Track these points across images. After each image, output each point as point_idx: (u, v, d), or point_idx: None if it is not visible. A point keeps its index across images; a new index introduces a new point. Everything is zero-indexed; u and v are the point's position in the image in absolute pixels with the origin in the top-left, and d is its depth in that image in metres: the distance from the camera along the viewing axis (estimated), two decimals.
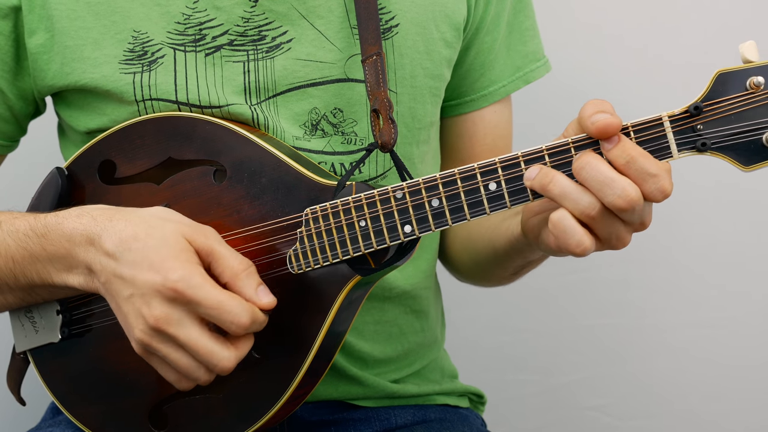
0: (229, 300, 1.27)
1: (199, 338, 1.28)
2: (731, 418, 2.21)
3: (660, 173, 1.22)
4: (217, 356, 1.29)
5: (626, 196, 1.22)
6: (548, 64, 1.71)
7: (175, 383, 1.34)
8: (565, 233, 1.25)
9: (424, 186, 1.31)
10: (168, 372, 1.33)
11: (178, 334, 1.28)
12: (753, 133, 1.22)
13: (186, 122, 1.44)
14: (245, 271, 1.31)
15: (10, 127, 1.59)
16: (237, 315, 1.27)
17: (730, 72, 1.23)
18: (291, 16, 1.50)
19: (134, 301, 1.29)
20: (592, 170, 1.23)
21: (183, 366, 1.30)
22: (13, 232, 1.42)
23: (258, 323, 1.30)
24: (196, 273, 1.28)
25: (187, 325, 1.28)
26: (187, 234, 1.31)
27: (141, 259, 1.29)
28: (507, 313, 2.20)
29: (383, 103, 1.44)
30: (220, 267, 1.30)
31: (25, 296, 1.46)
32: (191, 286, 1.26)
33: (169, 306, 1.27)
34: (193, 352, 1.29)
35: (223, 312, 1.27)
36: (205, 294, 1.27)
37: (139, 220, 1.33)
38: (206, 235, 1.32)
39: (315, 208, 1.36)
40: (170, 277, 1.26)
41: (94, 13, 1.49)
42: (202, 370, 1.31)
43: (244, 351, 1.32)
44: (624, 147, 1.23)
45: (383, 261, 1.37)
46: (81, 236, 1.34)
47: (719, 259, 2.16)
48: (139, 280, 1.28)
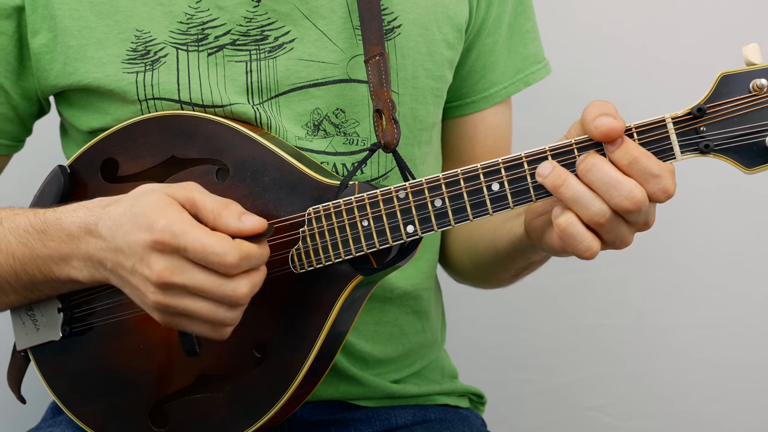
0: (212, 240, 1.25)
1: (205, 278, 1.26)
2: (731, 419, 2.21)
3: (663, 173, 1.22)
4: (229, 287, 1.27)
5: (633, 197, 1.22)
6: (548, 66, 1.71)
7: (211, 334, 1.31)
8: (573, 239, 1.25)
9: (427, 186, 1.31)
10: (197, 325, 1.30)
11: (183, 280, 1.26)
12: (756, 135, 1.23)
13: (189, 121, 1.44)
14: (225, 207, 1.29)
15: (14, 128, 1.59)
16: (221, 254, 1.25)
17: (733, 74, 1.23)
18: (293, 16, 1.50)
19: (136, 268, 1.28)
20: (598, 172, 1.23)
21: (204, 312, 1.28)
22: (13, 229, 1.42)
23: (252, 258, 1.28)
24: (179, 219, 1.26)
25: (189, 270, 1.26)
26: (169, 192, 1.30)
27: (130, 226, 1.28)
28: (507, 313, 2.20)
29: (386, 103, 1.44)
30: (203, 212, 1.29)
31: (27, 294, 1.45)
32: (175, 234, 1.25)
33: (165, 257, 1.26)
34: (206, 293, 1.27)
35: (207, 254, 1.25)
36: (191, 239, 1.25)
37: (127, 197, 1.33)
38: (186, 188, 1.31)
39: (318, 207, 1.36)
40: (155, 228, 1.26)
41: (97, 12, 1.49)
42: (223, 307, 1.28)
43: (257, 279, 1.29)
44: (627, 148, 1.23)
45: (385, 261, 1.37)
46: (79, 229, 1.34)
47: (719, 260, 2.16)
48: (133, 244, 1.28)
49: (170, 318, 1.30)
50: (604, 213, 1.23)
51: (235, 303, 1.28)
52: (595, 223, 1.24)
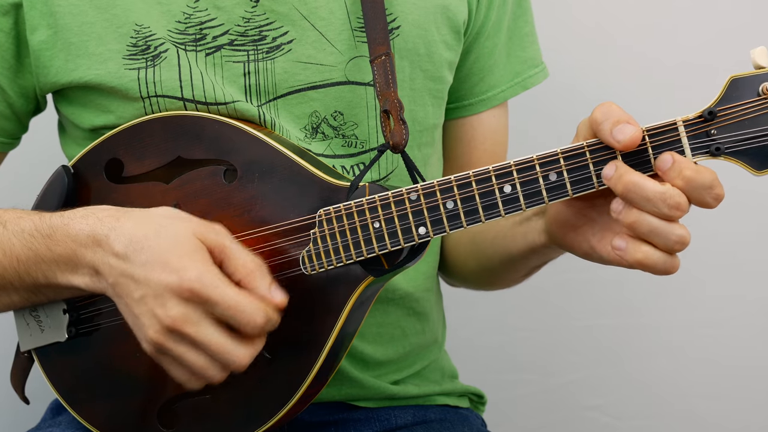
0: (245, 300, 1.27)
1: (217, 337, 1.27)
2: (730, 418, 2.22)
3: (714, 181, 1.23)
4: (234, 354, 1.28)
5: (681, 206, 1.23)
6: (546, 70, 1.71)
7: (186, 383, 1.33)
8: (657, 266, 1.26)
9: (439, 188, 1.31)
10: (179, 371, 1.32)
11: (196, 333, 1.27)
12: (766, 138, 1.23)
13: (195, 121, 1.44)
14: (258, 269, 1.30)
15: (11, 125, 1.58)
16: (252, 315, 1.27)
17: (742, 77, 1.24)
18: (292, 17, 1.49)
19: (147, 302, 1.28)
20: (640, 191, 1.23)
21: (197, 365, 1.29)
22: (18, 233, 1.41)
23: (272, 322, 1.30)
24: (212, 272, 1.27)
25: (204, 324, 1.27)
26: (198, 232, 1.30)
27: (153, 259, 1.28)
28: (507, 313, 2.21)
29: (393, 103, 1.44)
30: (233, 265, 1.29)
31: (30, 296, 1.45)
32: (207, 286, 1.26)
33: (185, 306, 1.26)
34: (210, 351, 1.28)
35: (239, 312, 1.26)
36: (221, 294, 1.26)
37: (148, 219, 1.32)
38: (217, 233, 1.31)
39: (328, 209, 1.36)
40: (185, 276, 1.26)
41: (96, 6, 1.48)
42: (216, 368, 1.30)
43: (259, 347, 1.31)
44: (680, 170, 1.23)
45: (396, 262, 1.37)
46: (87, 237, 1.33)
47: (718, 259, 2.17)
48: (153, 280, 1.27)
49: (160, 356, 1.31)
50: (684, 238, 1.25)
51: (232, 368, 1.30)
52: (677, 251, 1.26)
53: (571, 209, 1.34)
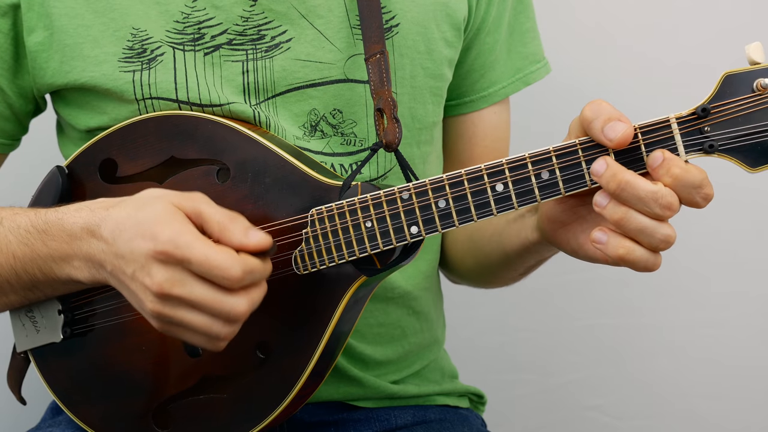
0: (216, 254, 1.24)
1: (205, 292, 1.26)
2: (731, 418, 2.21)
3: (703, 181, 1.22)
4: (228, 304, 1.26)
5: (672, 206, 1.23)
6: (548, 65, 1.71)
7: (205, 345, 1.31)
8: (639, 263, 1.25)
9: (431, 187, 1.31)
10: (192, 336, 1.30)
11: (183, 293, 1.25)
12: (760, 134, 1.22)
13: (188, 121, 1.44)
14: (231, 221, 1.28)
15: (10, 126, 1.58)
16: (226, 268, 1.24)
17: (736, 74, 1.23)
18: (290, 16, 1.49)
19: (137, 276, 1.27)
20: (633, 190, 1.22)
21: (200, 325, 1.27)
22: (14, 229, 1.41)
23: (255, 273, 1.27)
24: (184, 231, 1.25)
25: (190, 283, 1.25)
26: (175, 201, 1.29)
27: (134, 233, 1.27)
28: (507, 313, 2.20)
29: (387, 102, 1.44)
30: (208, 224, 1.28)
31: (28, 294, 1.45)
32: (179, 246, 1.24)
33: (167, 269, 1.25)
34: (204, 307, 1.26)
35: (211, 267, 1.24)
36: (192, 251, 1.24)
37: (131, 202, 1.31)
38: (193, 199, 1.30)
39: (321, 208, 1.35)
40: (159, 239, 1.25)
41: (93, 10, 1.48)
42: (219, 322, 1.28)
43: (256, 296, 1.29)
44: (668, 168, 1.22)
45: (389, 261, 1.36)
46: (81, 229, 1.34)
47: (719, 259, 2.17)
48: (135, 251, 1.27)
49: (167, 326, 1.30)
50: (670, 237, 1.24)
51: (233, 319, 1.28)
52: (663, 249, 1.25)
53: (562, 206, 1.34)
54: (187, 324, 1.28)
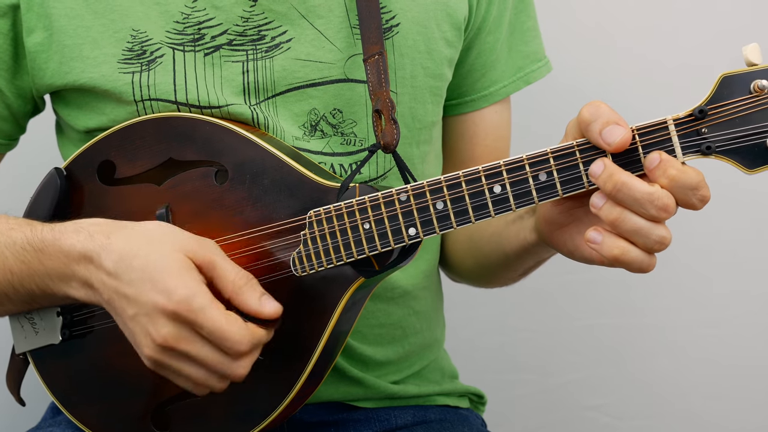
0: (229, 326, 1.27)
1: (210, 353, 1.28)
2: (731, 418, 2.21)
3: (700, 183, 1.23)
4: (230, 366, 1.29)
5: (668, 208, 1.23)
6: (549, 64, 1.70)
7: (192, 390, 1.34)
8: (634, 264, 1.25)
9: (429, 188, 1.31)
10: (183, 382, 1.33)
11: (188, 350, 1.28)
12: (757, 136, 1.22)
13: (187, 122, 1.44)
14: (246, 284, 1.30)
15: (9, 126, 1.58)
16: (236, 342, 1.27)
17: (734, 75, 1.23)
18: (290, 16, 1.49)
19: (139, 320, 1.28)
20: (629, 191, 1.22)
21: (196, 377, 1.30)
22: (10, 245, 1.41)
23: (260, 343, 1.31)
24: (199, 293, 1.27)
25: (197, 342, 1.28)
26: (188, 249, 1.30)
27: (143, 278, 1.28)
28: (507, 314, 2.20)
29: (385, 103, 1.44)
30: (222, 282, 1.30)
31: (26, 306, 1.46)
32: (193, 309, 1.26)
33: (175, 325, 1.27)
34: (205, 366, 1.29)
35: (223, 339, 1.27)
36: (205, 318, 1.26)
37: (138, 235, 1.32)
38: (207, 248, 1.31)
39: (318, 210, 1.35)
40: (173, 298, 1.26)
41: (93, 11, 1.48)
42: (215, 379, 1.31)
43: (254, 357, 1.31)
44: (665, 169, 1.22)
45: (387, 263, 1.36)
46: (79, 254, 1.33)
47: (719, 259, 2.16)
48: (142, 299, 1.28)
49: (159, 369, 1.32)
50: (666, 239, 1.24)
51: (232, 379, 1.31)
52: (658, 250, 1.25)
53: (559, 208, 1.34)
54: (183, 374, 1.30)
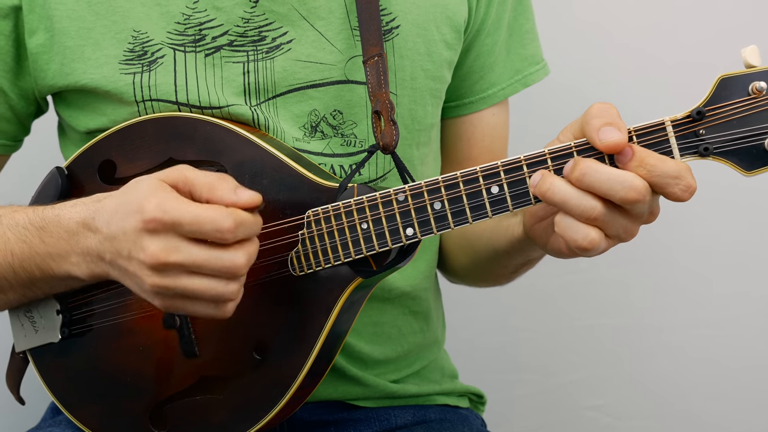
0: (205, 210, 1.24)
1: (201, 252, 1.25)
2: (730, 418, 2.21)
3: (682, 173, 1.22)
4: (227, 258, 1.25)
5: (635, 188, 1.21)
6: (547, 67, 1.71)
7: (215, 313, 1.29)
8: (569, 230, 1.24)
9: (426, 189, 1.31)
10: (198, 306, 1.29)
11: (180, 258, 1.24)
12: (755, 138, 1.22)
13: (187, 122, 1.44)
14: (218, 180, 1.27)
15: (12, 127, 1.59)
16: (217, 220, 1.23)
17: (732, 77, 1.23)
18: (291, 17, 1.49)
19: (132, 254, 1.27)
20: (594, 174, 1.22)
21: (203, 288, 1.26)
22: (12, 226, 1.42)
23: (247, 225, 1.26)
24: (170, 197, 1.25)
25: (184, 247, 1.25)
26: (161, 176, 1.29)
27: (122, 213, 1.27)
28: (506, 314, 2.21)
29: (384, 104, 1.44)
30: (196, 186, 1.27)
31: (26, 291, 1.45)
32: (166, 210, 1.24)
33: (159, 237, 1.24)
34: (203, 268, 1.25)
35: (202, 223, 1.23)
36: (180, 212, 1.23)
37: (120, 190, 1.32)
38: (177, 169, 1.29)
39: (317, 210, 1.36)
40: (146, 210, 1.24)
41: (95, 12, 1.48)
42: (222, 281, 1.27)
43: (252, 249, 1.28)
44: (641, 158, 1.22)
45: (385, 263, 1.37)
46: (77, 224, 1.34)
47: (719, 259, 2.17)
48: (127, 229, 1.26)
49: (170, 301, 1.29)
50: (594, 207, 1.22)
51: (234, 274, 1.27)
52: (589, 218, 1.23)
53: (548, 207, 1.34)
54: (189, 291, 1.26)
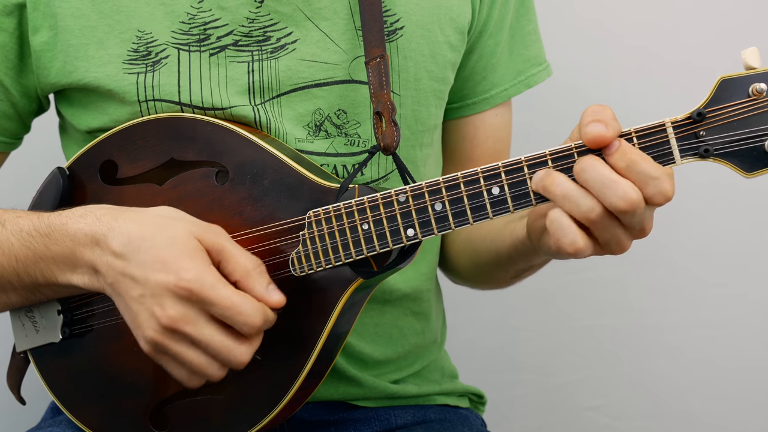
0: (243, 301, 1.28)
1: (215, 335, 1.28)
2: (729, 419, 2.21)
3: (661, 176, 1.21)
4: (234, 351, 1.29)
5: (627, 197, 1.21)
6: (549, 68, 1.71)
7: (185, 381, 1.33)
8: (559, 230, 1.24)
9: (427, 189, 1.31)
10: (178, 370, 1.32)
11: (194, 332, 1.27)
12: (755, 139, 1.23)
13: (188, 123, 1.44)
14: (256, 269, 1.31)
15: (13, 125, 1.59)
16: (250, 316, 1.28)
17: (732, 78, 1.23)
18: (296, 18, 1.49)
19: (145, 301, 1.28)
20: (593, 172, 1.22)
21: (196, 363, 1.30)
22: (17, 232, 1.41)
23: (269, 322, 1.31)
24: (209, 272, 1.28)
25: (203, 324, 1.28)
26: (197, 233, 1.31)
27: (152, 259, 1.28)
28: (507, 314, 2.21)
29: (386, 105, 1.44)
30: (231, 265, 1.30)
31: (29, 295, 1.45)
32: (205, 286, 1.26)
33: (183, 305, 1.27)
34: (209, 350, 1.29)
35: (236, 313, 1.27)
36: (219, 294, 1.27)
37: (147, 219, 1.33)
38: (216, 233, 1.32)
39: (318, 210, 1.36)
40: (184, 276, 1.26)
41: (99, 11, 1.48)
42: (215, 366, 1.30)
43: (257, 345, 1.32)
44: (624, 151, 1.22)
45: (386, 264, 1.37)
46: (86, 236, 1.34)
47: (718, 260, 2.16)
48: (152, 280, 1.28)
49: (156, 354, 1.32)
50: (593, 209, 1.22)
51: (232, 366, 1.31)
52: (587, 219, 1.23)
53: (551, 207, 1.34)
54: (183, 360, 1.30)
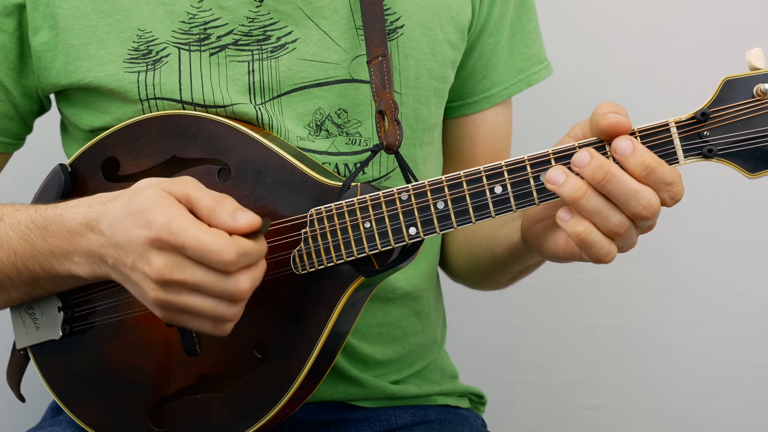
0: (209, 238, 1.24)
1: (205, 275, 1.25)
2: (730, 418, 2.21)
3: (675, 181, 1.22)
4: (230, 284, 1.25)
5: (651, 206, 1.22)
6: (550, 66, 1.71)
7: (212, 330, 1.29)
8: (593, 246, 1.24)
9: (430, 188, 1.31)
10: (198, 322, 1.29)
11: (183, 277, 1.25)
12: (759, 140, 1.23)
13: (191, 121, 1.44)
14: (219, 204, 1.27)
15: (15, 125, 1.58)
16: (218, 251, 1.23)
17: (736, 79, 1.23)
18: (296, 17, 1.49)
19: (137, 265, 1.27)
20: (617, 183, 1.22)
21: (205, 308, 1.27)
22: (14, 225, 1.41)
23: (249, 254, 1.26)
24: (176, 216, 1.25)
25: (189, 267, 1.25)
26: (165, 187, 1.28)
27: (129, 222, 1.27)
28: (507, 314, 2.21)
29: (388, 104, 1.44)
30: (198, 208, 1.27)
31: (29, 290, 1.45)
32: (172, 232, 1.24)
33: (164, 255, 1.25)
34: (206, 289, 1.26)
35: (206, 252, 1.23)
36: (185, 237, 1.24)
37: (125, 193, 1.31)
38: (181, 183, 1.29)
39: (320, 208, 1.36)
40: (154, 226, 1.24)
41: (99, 11, 1.48)
42: (224, 303, 1.27)
43: (257, 273, 1.28)
44: (642, 157, 1.22)
45: (387, 262, 1.36)
46: (80, 225, 1.34)
47: (719, 259, 2.17)
48: (133, 240, 1.26)
49: (172, 314, 1.29)
50: (623, 224, 1.23)
51: (236, 298, 1.27)
52: (614, 233, 1.24)
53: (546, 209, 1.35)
54: (191, 308, 1.27)
